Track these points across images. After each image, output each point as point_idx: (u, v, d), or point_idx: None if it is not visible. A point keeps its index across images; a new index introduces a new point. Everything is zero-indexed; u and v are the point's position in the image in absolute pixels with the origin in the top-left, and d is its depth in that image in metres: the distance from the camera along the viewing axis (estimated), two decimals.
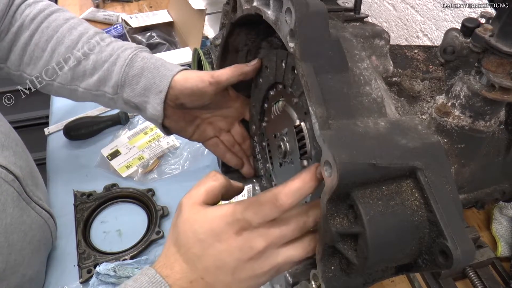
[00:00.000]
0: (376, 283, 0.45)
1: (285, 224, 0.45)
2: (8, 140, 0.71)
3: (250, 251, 0.44)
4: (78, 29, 0.75)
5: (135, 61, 0.70)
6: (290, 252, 0.46)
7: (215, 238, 0.45)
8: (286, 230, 0.45)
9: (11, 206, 0.65)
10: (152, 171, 0.99)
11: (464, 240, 0.39)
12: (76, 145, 1.06)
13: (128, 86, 0.70)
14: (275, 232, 0.44)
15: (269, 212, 0.44)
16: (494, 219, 0.86)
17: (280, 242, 0.45)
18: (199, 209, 0.47)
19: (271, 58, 0.60)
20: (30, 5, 0.76)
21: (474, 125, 0.50)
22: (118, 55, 0.71)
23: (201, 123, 0.74)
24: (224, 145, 0.76)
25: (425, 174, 0.41)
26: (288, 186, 0.44)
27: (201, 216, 0.46)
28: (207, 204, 0.48)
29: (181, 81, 0.67)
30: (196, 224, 0.46)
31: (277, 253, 0.45)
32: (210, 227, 0.45)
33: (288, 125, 0.59)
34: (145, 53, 0.72)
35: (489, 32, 0.45)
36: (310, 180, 0.43)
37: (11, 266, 0.65)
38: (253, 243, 0.44)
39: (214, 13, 1.40)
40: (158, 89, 0.67)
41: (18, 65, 0.75)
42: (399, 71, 0.65)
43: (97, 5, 1.55)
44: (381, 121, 0.44)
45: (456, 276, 0.78)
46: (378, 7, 1.35)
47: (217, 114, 0.74)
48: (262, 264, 0.45)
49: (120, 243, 0.85)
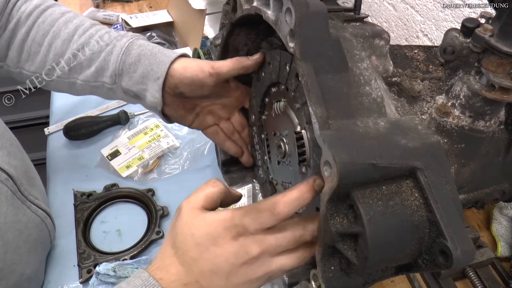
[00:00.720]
0: (376, 283, 0.45)
1: (281, 234, 0.46)
2: (2, 140, 0.71)
3: (245, 256, 0.45)
4: (73, 21, 0.75)
5: (131, 49, 0.70)
6: (284, 261, 0.46)
7: (212, 242, 0.45)
8: (281, 240, 0.46)
9: (4, 205, 0.65)
10: (152, 171, 0.99)
11: (464, 240, 0.39)
12: (76, 145, 1.06)
13: (126, 75, 0.70)
14: (270, 240, 0.45)
15: (266, 219, 0.45)
16: (494, 219, 0.86)
17: (275, 251, 0.46)
18: (197, 214, 0.47)
19: (275, 57, 0.60)
20: (26, 1, 0.76)
21: (474, 125, 0.50)
22: (114, 44, 0.71)
23: (201, 112, 0.74)
24: (223, 133, 0.75)
25: (425, 174, 0.41)
26: (287, 195, 0.45)
27: (200, 220, 0.47)
28: (206, 209, 0.48)
29: (181, 69, 0.66)
30: (194, 228, 0.47)
31: (271, 261, 0.46)
32: (208, 231, 0.46)
33: (288, 127, 0.58)
34: (142, 41, 0.72)
35: (489, 32, 0.45)
36: (308, 191, 0.45)
37: (8, 265, 0.65)
38: (248, 248, 0.45)
39: (214, 13, 1.40)
40: (155, 75, 0.67)
41: (17, 62, 0.75)
42: (399, 71, 0.65)
43: (97, 5, 1.55)
44: (381, 121, 0.44)
45: (456, 276, 0.78)
46: (378, 7, 1.35)
47: (217, 102, 0.73)
48: (256, 270, 0.46)
49: (120, 243, 0.85)
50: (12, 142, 0.75)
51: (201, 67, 0.65)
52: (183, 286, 0.46)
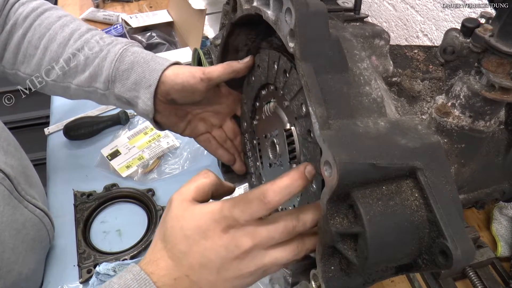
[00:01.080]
0: (376, 283, 0.45)
1: (273, 225, 0.44)
2: None
3: (236, 250, 0.43)
4: (70, 26, 0.75)
5: (125, 55, 0.70)
6: (278, 254, 0.45)
7: (201, 235, 0.44)
8: (274, 232, 0.44)
9: (1, 204, 0.65)
10: (152, 171, 0.99)
11: (464, 240, 0.39)
12: (76, 145, 1.06)
13: (119, 81, 0.70)
14: (262, 232, 0.44)
15: (256, 209, 0.43)
16: (494, 219, 0.86)
17: (267, 243, 0.44)
18: (187, 206, 0.46)
19: (263, 58, 0.60)
20: (24, 4, 0.77)
21: (474, 125, 0.50)
22: (108, 50, 0.71)
23: (193, 119, 0.74)
24: (216, 141, 0.75)
25: (425, 174, 0.41)
26: (277, 183, 0.43)
27: (189, 213, 0.46)
28: (196, 201, 0.47)
29: (172, 76, 0.66)
30: (183, 220, 0.45)
31: (264, 254, 0.44)
32: (197, 224, 0.45)
33: (278, 127, 0.58)
34: (136, 48, 0.72)
35: (489, 32, 0.45)
36: (299, 178, 0.43)
37: (5, 264, 0.65)
38: (239, 241, 0.43)
39: (214, 13, 1.40)
40: (148, 83, 0.67)
41: (12, 63, 0.76)
42: (399, 71, 0.65)
43: (97, 5, 1.55)
44: (381, 121, 0.44)
45: (456, 276, 0.78)
46: (378, 7, 1.35)
47: (208, 110, 0.73)
48: (248, 264, 0.44)
49: (120, 243, 0.85)
50: (10, 142, 0.75)
51: (192, 73, 0.65)
52: (173, 280, 0.45)
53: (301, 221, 0.45)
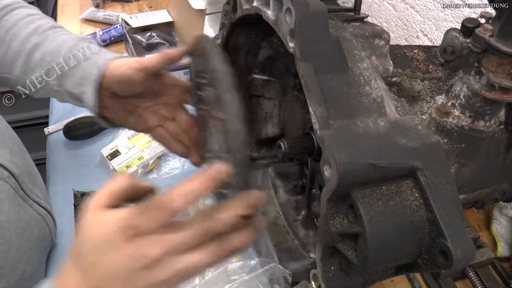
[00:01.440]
0: (376, 283, 0.45)
1: (185, 229, 0.41)
2: (4, 138, 0.71)
3: (143, 259, 0.41)
4: (36, 23, 0.75)
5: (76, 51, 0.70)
6: (194, 258, 0.42)
7: (108, 246, 0.41)
8: (186, 236, 0.41)
9: (7, 203, 0.65)
10: (152, 171, 0.99)
11: (464, 240, 0.39)
12: (76, 145, 1.05)
13: (69, 77, 0.69)
14: (171, 238, 0.41)
15: (159, 215, 0.41)
16: (494, 219, 0.86)
17: (179, 248, 0.41)
18: (98, 213, 0.43)
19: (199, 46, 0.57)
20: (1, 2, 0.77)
21: (474, 125, 0.50)
22: (62, 46, 0.71)
23: (143, 113, 0.72)
24: (169, 134, 0.73)
25: (425, 174, 0.41)
26: (182, 186, 0.41)
27: (99, 221, 0.42)
28: (109, 207, 0.44)
29: (112, 69, 0.66)
30: (93, 229, 0.43)
31: (177, 260, 0.41)
32: (105, 232, 0.42)
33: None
34: (88, 43, 0.72)
35: (489, 32, 0.45)
36: (206, 180, 0.41)
37: (10, 263, 0.65)
38: (145, 251, 0.41)
39: (214, 13, 1.40)
40: (92, 78, 0.66)
41: None
42: (399, 71, 0.65)
43: (97, 5, 1.55)
44: (381, 121, 0.44)
45: (456, 276, 0.78)
46: (378, 7, 1.35)
47: (157, 102, 0.71)
48: (159, 272, 0.41)
49: None
50: (14, 140, 0.75)
51: (129, 63, 0.65)
52: None
53: (219, 221, 0.42)
